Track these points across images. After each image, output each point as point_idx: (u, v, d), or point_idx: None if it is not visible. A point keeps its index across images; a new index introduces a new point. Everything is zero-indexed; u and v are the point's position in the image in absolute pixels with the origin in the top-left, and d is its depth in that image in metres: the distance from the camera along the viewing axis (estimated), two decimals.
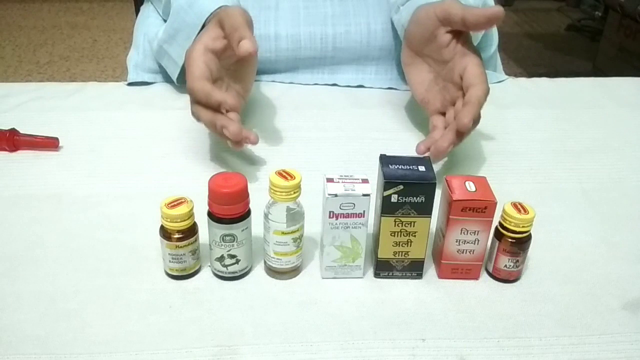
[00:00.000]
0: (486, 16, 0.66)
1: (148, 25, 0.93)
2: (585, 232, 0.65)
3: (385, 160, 0.55)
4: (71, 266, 0.57)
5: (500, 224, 0.56)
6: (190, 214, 0.54)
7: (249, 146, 0.75)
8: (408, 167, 0.54)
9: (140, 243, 0.60)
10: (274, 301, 0.54)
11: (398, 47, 0.81)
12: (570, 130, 0.84)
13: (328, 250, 0.55)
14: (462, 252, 0.56)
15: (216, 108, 0.66)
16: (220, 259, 0.55)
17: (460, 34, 0.71)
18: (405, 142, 0.79)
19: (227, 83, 0.73)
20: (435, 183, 0.52)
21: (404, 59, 0.80)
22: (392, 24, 0.88)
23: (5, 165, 0.72)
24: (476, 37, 0.89)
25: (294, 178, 0.53)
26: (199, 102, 0.67)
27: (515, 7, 3.62)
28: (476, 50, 0.71)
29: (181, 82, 0.87)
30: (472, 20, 0.67)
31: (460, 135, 0.67)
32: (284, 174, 0.53)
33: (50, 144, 0.75)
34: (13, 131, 0.75)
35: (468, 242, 0.55)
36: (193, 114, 0.68)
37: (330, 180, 0.53)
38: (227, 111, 0.68)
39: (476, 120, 0.68)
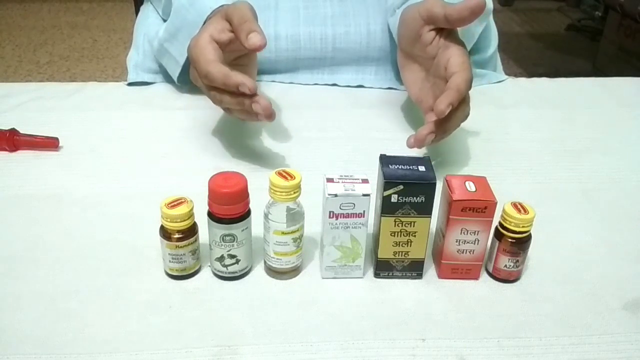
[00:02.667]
0: (469, 8, 0.65)
1: (148, 25, 0.93)
2: (585, 232, 0.65)
3: (385, 160, 0.55)
4: (71, 266, 0.57)
5: (500, 224, 0.56)
6: (190, 214, 0.54)
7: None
8: (408, 167, 0.54)
9: (140, 243, 0.60)
10: (274, 301, 0.54)
11: (397, 47, 0.81)
12: (570, 130, 0.84)
13: (328, 250, 0.55)
14: (462, 252, 0.56)
15: (234, 91, 0.64)
16: (220, 259, 0.55)
17: (443, 29, 0.71)
18: (405, 142, 0.79)
19: None
20: (435, 183, 0.52)
21: (399, 60, 0.80)
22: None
23: (5, 165, 0.72)
24: (473, 36, 0.89)
25: (294, 178, 0.53)
26: (214, 87, 0.66)
27: (515, 7, 3.62)
28: (460, 41, 0.71)
29: (182, 82, 0.87)
30: (455, 15, 0.67)
31: (441, 124, 0.67)
32: (284, 174, 0.53)
33: (50, 144, 0.75)
34: (13, 131, 0.75)
35: (468, 242, 0.55)
36: (214, 97, 0.67)
37: (330, 180, 0.53)
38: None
39: (462, 111, 0.68)
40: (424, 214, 0.54)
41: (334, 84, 0.93)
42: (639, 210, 0.69)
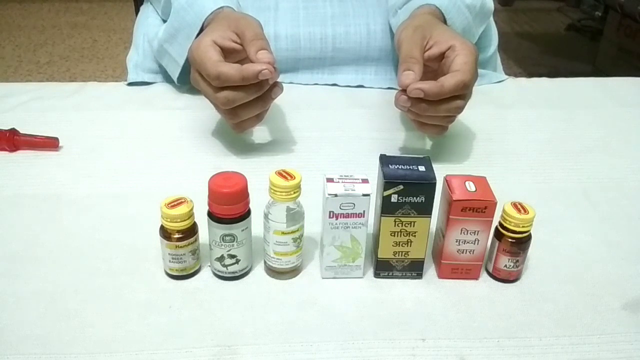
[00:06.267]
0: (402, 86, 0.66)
1: (148, 26, 0.93)
2: (585, 232, 0.65)
3: (385, 160, 0.55)
4: (71, 266, 0.57)
5: (500, 224, 0.56)
6: (190, 214, 0.54)
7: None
8: (408, 167, 0.54)
9: (140, 243, 0.60)
10: (274, 301, 0.54)
11: None
12: (570, 130, 0.84)
13: (328, 250, 0.55)
14: (462, 252, 0.56)
15: (252, 80, 0.65)
16: (220, 259, 0.55)
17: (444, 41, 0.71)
18: (405, 142, 0.80)
19: None
20: (435, 183, 0.52)
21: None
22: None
23: (5, 165, 0.72)
24: (474, 36, 0.89)
25: (294, 178, 0.53)
26: (225, 87, 0.66)
27: (515, 7, 3.61)
28: (467, 42, 0.70)
29: (182, 82, 0.87)
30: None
31: (420, 100, 0.66)
32: (284, 174, 0.53)
33: (50, 144, 0.75)
34: (13, 131, 0.75)
35: (468, 242, 0.55)
36: (225, 99, 0.66)
37: (330, 180, 0.53)
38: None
39: (447, 103, 0.67)
40: (424, 214, 0.54)
41: (334, 84, 0.93)
42: (639, 210, 0.69)
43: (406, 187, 0.52)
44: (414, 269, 0.57)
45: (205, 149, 0.76)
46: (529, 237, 0.56)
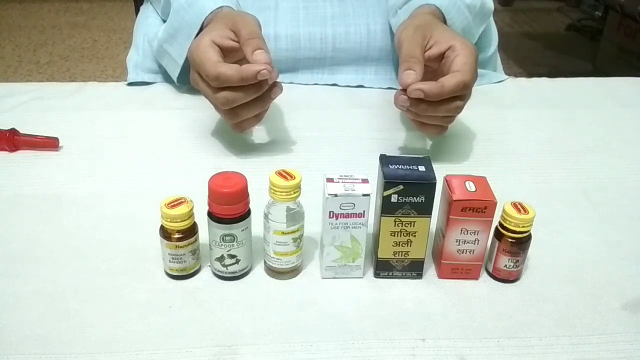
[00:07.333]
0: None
1: (148, 26, 0.93)
2: (585, 232, 0.65)
3: (385, 160, 0.55)
4: (71, 266, 0.57)
5: (500, 224, 0.56)
6: (190, 214, 0.54)
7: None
8: (408, 167, 0.54)
9: (140, 243, 0.60)
10: (274, 301, 0.54)
11: None
12: (570, 130, 0.84)
13: (328, 250, 0.55)
14: (462, 252, 0.56)
15: (251, 80, 0.65)
16: (220, 259, 0.55)
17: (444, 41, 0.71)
18: (405, 142, 0.80)
19: None
20: (435, 183, 0.52)
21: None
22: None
23: (5, 165, 0.72)
24: (474, 36, 0.89)
25: (294, 178, 0.53)
26: (224, 88, 0.66)
27: (515, 7, 3.61)
28: (467, 43, 0.70)
29: (181, 82, 0.87)
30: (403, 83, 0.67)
31: (420, 101, 0.66)
32: (284, 174, 0.53)
33: (50, 144, 0.75)
34: (13, 131, 0.75)
35: (468, 242, 0.55)
36: (224, 99, 0.67)
37: (330, 180, 0.53)
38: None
39: (446, 103, 0.67)
40: (424, 214, 0.54)
41: (334, 84, 0.93)
42: (639, 210, 0.69)
43: (406, 187, 0.52)
44: (414, 269, 0.57)
45: (205, 149, 0.76)
46: (529, 237, 0.56)
